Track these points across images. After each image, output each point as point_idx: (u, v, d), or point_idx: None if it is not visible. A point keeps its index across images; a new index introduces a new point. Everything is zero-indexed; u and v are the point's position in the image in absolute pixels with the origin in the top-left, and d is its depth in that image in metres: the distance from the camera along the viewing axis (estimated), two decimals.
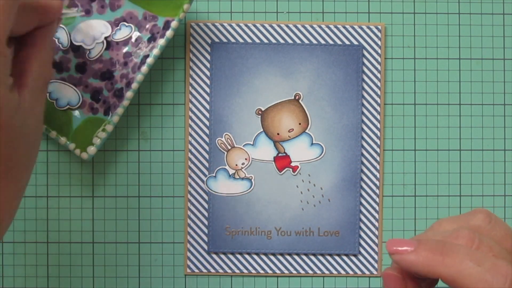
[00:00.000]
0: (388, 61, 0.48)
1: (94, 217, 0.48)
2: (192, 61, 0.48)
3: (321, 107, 0.48)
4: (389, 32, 0.48)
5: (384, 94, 0.48)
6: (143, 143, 0.48)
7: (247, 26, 0.48)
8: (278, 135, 0.48)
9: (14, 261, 0.48)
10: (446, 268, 0.30)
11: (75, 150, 0.44)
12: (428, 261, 0.30)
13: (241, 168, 0.47)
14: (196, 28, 0.48)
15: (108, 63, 0.47)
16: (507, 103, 0.49)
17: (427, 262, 0.30)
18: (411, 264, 0.31)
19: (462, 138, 0.49)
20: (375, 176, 0.48)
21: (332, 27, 0.48)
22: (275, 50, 0.47)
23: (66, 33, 0.46)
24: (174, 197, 0.48)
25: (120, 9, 0.46)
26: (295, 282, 0.48)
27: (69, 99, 0.46)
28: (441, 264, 0.30)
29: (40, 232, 0.48)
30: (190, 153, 0.48)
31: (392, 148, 0.48)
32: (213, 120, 0.48)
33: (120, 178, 0.48)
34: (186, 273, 0.48)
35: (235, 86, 0.47)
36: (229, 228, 0.47)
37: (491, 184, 0.49)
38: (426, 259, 0.31)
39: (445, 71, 0.48)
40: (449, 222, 0.34)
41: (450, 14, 0.48)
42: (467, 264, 0.30)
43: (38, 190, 0.48)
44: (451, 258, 0.30)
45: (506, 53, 0.49)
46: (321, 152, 0.48)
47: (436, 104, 0.48)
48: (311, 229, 0.48)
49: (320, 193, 0.47)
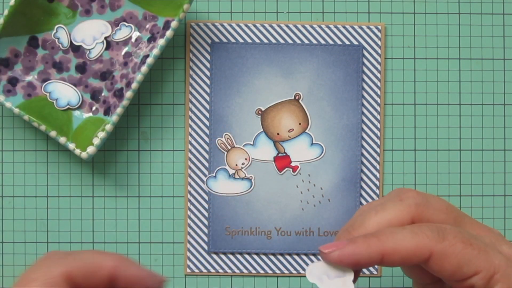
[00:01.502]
0: (388, 61, 0.48)
1: (94, 217, 0.48)
2: (192, 61, 0.48)
3: (321, 107, 0.48)
4: (389, 32, 0.48)
5: (384, 94, 0.48)
6: (143, 143, 0.48)
7: (247, 26, 0.48)
8: (278, 135, 0.48)
9: (14, 261, 0.48)
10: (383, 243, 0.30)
11: (75, 150, 0.44)
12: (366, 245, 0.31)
13: (241, 168, 0.47)
14: (196, 28, 0.48)
15: (108, 63, 0.47)
16: (507, 103, 0.49)
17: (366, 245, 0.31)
18: (352, 253, 0.31)
19: (462, 138, 0.49)
20: (375, 176, 0.48)
21: (332, 27, 0.48)
22: (275, 50, 0.47)
23: (66, 33, 0.46)
24: (174, 197, 0.48)
25: (120, 9, 0.46)
26: (295, 282, 0.48)
27: (69, 99, 0.46)
28: (377, 242, 0.30)
29: (40, 232, 0.48)
30: (190, 153, 0.48)
31: (392, 148, 0.48)
32: (213, 120, 0.48)
33: (120, 178, 0.48)
34: (186, 273, 0.48)
35: (235, 86, 0.47)
36: (229, 228, 0.47)
37: (491, 184, 0.49)
38: (363, 243, 0.31)
39: (445, 71, 0.48)
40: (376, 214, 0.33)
41: (450, 14, 0.48)
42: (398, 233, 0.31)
43: (38, 190, 0.48)
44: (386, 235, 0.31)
45: (506, 53, 0.49)
46: (321, 152, 0.48)
47: (436, 104, 0.48)
48: (311, 229, 0.48)
49: (320, 193, 0.47)
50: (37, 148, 0.48)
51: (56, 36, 0.46)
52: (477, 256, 0.30)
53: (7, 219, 0.48)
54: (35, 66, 0.46)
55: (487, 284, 0.30)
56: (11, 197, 0.48)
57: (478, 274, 0.30)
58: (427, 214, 0.32)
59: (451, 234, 0.30)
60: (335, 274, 0.32)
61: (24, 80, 0.46)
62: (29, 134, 0.48)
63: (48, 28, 0.46)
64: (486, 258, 0.30)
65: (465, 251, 0.30)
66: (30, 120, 0.44)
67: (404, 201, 0.33)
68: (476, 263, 0.30)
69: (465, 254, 0.30)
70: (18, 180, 0.48)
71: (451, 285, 0.32)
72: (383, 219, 0.32)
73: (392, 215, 0.32)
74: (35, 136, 0.48)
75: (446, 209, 0.33)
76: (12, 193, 0.48)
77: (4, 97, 0.45)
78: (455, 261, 0.30)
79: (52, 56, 0.46)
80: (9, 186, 0.48)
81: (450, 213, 0.33)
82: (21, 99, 0.46)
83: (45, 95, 0.46)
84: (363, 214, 0.33)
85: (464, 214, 0.33)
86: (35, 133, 0.48)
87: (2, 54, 0.45)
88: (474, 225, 0.33)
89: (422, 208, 0.32)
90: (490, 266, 0.30)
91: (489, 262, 0.30)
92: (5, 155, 0.48)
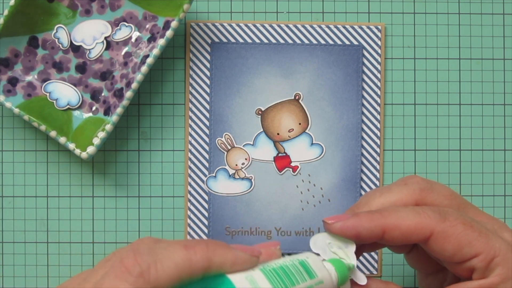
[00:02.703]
0: (388, 61, 0.48)
1: (94, 217, 0.48)
2: (192, 61, 0.48)
3: (321, 107, 0.48)
4: (389, 32, 0.48)
5: (384, 94, 0.48)
6: (143, 143, 0.48)
7: (247, 26, 0.48)
8: (278, 135, 0.48)
9: (14, 261, 0.48)
10: (385, 219, 0.31)
11: (75, 150, 0.44)
12: (369, 219, 0.31)
13: (241, 168, 0.47)
14: (196, 28, 0.48)
15: (108, 63, 0.47)
16: (507, 103, 0.49)
17: (368, 219, 0.31)
18: (354, 225, 0.31)
19: (462, 138, 0.49)
20: (375, 176, 0.48)
21: (332, 27, 0.48)
22: (275, 50, 0.47)
23: (66, 33, 0.46)
24: (174, 197, 0.48)
25: (120, 9, 0.46)
26: None
27: (69, 99, 0.46)
28: (380, 217, 0.31)
29: (40, 232, 0.48)
30: (190, 153, 0.48)
31: (392, 148, 0.48)
32: (213, 120, 0.48)
33: (120, 178, 0.48)
34: None
35: (235, 86, 0.47)
36: (229, 228, 0.47)
37: (491, 184, 0.49)
38: (366, 217, 0.31)
39: (445, 71, 0.48)
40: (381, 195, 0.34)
41: (450, 14, 0.48)
42: (401, 211, 0.31)
43: (38, 190, 0.48)
44: (388, 211, 0.31)
45: (506, 53, 0.49)
46: (321, 152, 0.48)
47: (436, 104, 0.48)
48: (311, 229, 0.48)
49: (320, 193, 0.47)
50: (37, 148, 0.48)
51: (56, 36, 0.46)
52: (477, 238, 0.30)
53: (7, 219, 0.48)
54: (35, 66, 0.46)
55: (487, 267, 0.30)
56: (11, 197, 0.48)
57: (478, 256, 0.30)
58: (431, 199, 0.33)
59: (453, 216, 0.31)
60: (338, 245, 0.33)
61: (24, 80, 0.46)
62: (29, 134, 0.48)
63: (48, 28, 0.46)
64: (487, 241, 0.30)
65: (466, 232, 0.30)
66: (30, 120, 0.44)
67: (409, 185, 0.33)
68: (476, 245, 0.30)
69: (466, 235, 0.30)
70: (18, 180, 0.48)
71: (452, 269, 0.32)
72: (387, 200, 0.33)
73: (397, 197, 0.33)
74: (35, 136, 0.48)
75: (450, 196, 0.33)
76: (12, 193, 0.48)
77: (4, 97, 0.45)
78: (455, 242, 0.30)
79: (52, 56, 0.46)
80: (9, 186, 0.48)
81: (454, 200, 0.33)
82: (21, 99, 0.46)
83: (45, 95, 0.46)
84: (368, 195, 0.34)
85: (468, 202, 0.34)
86: (35, 133, 0.48)
87: (2, 54, 0.45)
88: (477, 212, 0.33)
89: (426, 193, 0.33)
90: (490, 249, 0.30)
91: (490, 245, 0.30)
92: (5, 155, 0.48)
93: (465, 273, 0.31)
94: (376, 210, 0.32)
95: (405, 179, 0.34)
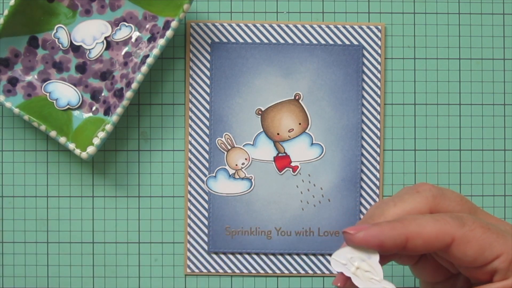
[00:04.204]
0: (388, 61, 0.48)
1: (94, 217, 0.48)
2: (192, 61, 0.48)
3: (321, 107, 0.48)
4: (389, 32, 0.48)
5: (384, 94, 0.48)
6: (143, 143, 0.48)
7: (247, 26, 0.48)
8: (278, 135, 0.48)
9: (14, 261, 0.48)
10: (407, 227, 0.31)
11: (75, 150, 0.44)
12: (391, 227, 0.31)
13: (241, 168, 0.47)
14: (196, 28, 0.48)
15: (108, 63, 0.47)
16: (507, 103, 0.49)
17: (390, 227, 0.31)
18: (377, 234, 0.31)
19: (462, 138, 0.49)
20: (375, 176, 0.48)
21: (332, 27, 0.48)
22: (275, 50, 0.47)
23: (66, 33, 0.46)
24: (174, 197, 0.48)
25: (120, 9, 0.46)
26: (295, 282, 0.48)
27: (69, 99, 0.46)
28: (401, 226, 0.31)
29: (40, 232, 0.48)
30: (190, 153, 0.48)
31: (392, 148, 0.48)
32: (213, 120, 0.48)
33: (120, 178, 0.48)
34: (186, 273, 0.48)
35: (235, 86, 0.47)
36: (229, 228, 0.47)
37: (491, 184, 0.49)
38: (388, 225, 0.31)
39: (445, 71, 0.48)
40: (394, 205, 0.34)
41: (450, 14, 0.48)
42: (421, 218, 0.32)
43: (38, 190, 0.48)
44: (409, 220, 0.31)
45: (506, 53, 0.49)
46: (321, 152, 0.48)
47: (436, 104, 0.48)
48: (311, 229, 0.48)
49: (320, 193, 0.47)
50: (37, 148, 0.48)
51: (56, 36, 0.46)
52: (496, 240, 0.30)
53: (7, 219, 0.48)
54: (35, 66, 0.46)
55: (509, 267, 0.30)
56: (11, 197, 0.48)
57: (499, 257, 0.30)
58: (444, 205, 0.33)
59: (470, 220, 0.31)
60: (360, 257, 0.32)
61: (24, 80, 0.46)
62: (29, 134, 0.48)
63: (48, 28, 0.46)
64: (505, 242, 0.31)
65: (485, 235, 0.30)
66: (30, 120, 0.44)
67: (421, 193, 0.33)
68: (497, 246, 0.30)
69: (486, 238, 0.30)
70: (18, 180, 0.48)
71: (471, 274, 0.32)
72: (402, 209, 0.33)
73: (411, 206, 0.33)
74: (35, 136, 0.48)
75: (461, 200, 0.33)
76: (12, 193, 0.48)
77: (4, 97, 0.45)
78: (476, 246, 0.30)
79: (52, 56, 0.46)
80: (9, 186, 0.48)
81: (465, 204, 0.33)
82: (21, 99, 0.46)
83: (45, 95, 0.46)
84: (381, 206, 0.34)
85: (477, 206, 0.34)
86: (35, 133, 0.48)
87: (2, 54, 0.45)
88: (487, 215, 0.34)
89: (438, 199, 0.33)
90: (510, 249, 0.30)
91: (509, 245, 0.30)
92: (5, 155, 0.48)
93: (485, 277, 0.31)
94: (396, 219, 0.32)
95: (416, 187, 0.34)
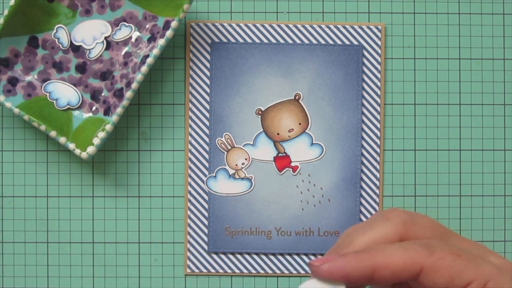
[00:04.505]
0: (388, 61, 0.48)
1: (94, 217, 0.48)
2: (192, 61, 0.48)
3: (321, 107, 0.48)
4: (389, 32, 0.48)
5: (384, 94, 0.48)
6: (143, 143, 0.48)
7: (247, 26, 0.48)
8: (278, 135, 0.48)
9: (14, 261, 0.48)
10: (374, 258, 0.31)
11: (75, 150, 0.44)
12: (357, 259, 0.31)
13: (241, 168, 0.47)
14: (196, 28, 0.48)
15: (108, 63, 0.47)
16: (507, 103, 0.49)
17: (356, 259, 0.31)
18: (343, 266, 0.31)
19: (462, 138, 0.49)
20: (375, 176, 0.48)
21: (332, 27, 0.48)
22: (275, 50, 0.47)
23: (66, 33, 0.46)
24: (174, 197, 0.48)
25: (120, 9, 0.46)
26: (295, 282, 0.48)
27: (69, 99, 0.46)
28: (368, 257, 0.31)
29: (40, 232, 0.48)
30: (190, 153, 0.48)
31: (392, 148, 0.48)
32: (213, 120, 0.48)
33: (120, 178, 0.48)
34: (186, 273, 0.48)
35: (235, 86, 0.47)
36: (229, 228, 0.47)
37: (491, 184, 0.49)
38: (354, 257, 0.31)
39: (445, 71, 0.48)
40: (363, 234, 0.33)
41: (450, 14, 0.48)
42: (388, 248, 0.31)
43: (38, 190, 0.48)
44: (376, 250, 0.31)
45: (506, 53, 0.49)
46: (321, 152, 0.48)
47: (436, 104, 0.48)
48: (311, 229, 0.48)
49: (320, 193, 0.47)
50: (37, 148, 0.48)
51: (56, 36, 0.46)
52: (467, 267, 0.30)
53: (7, 219, 0.48)
54: (35, 66, 0.46)
55: None
56: (11, 197, 0.48)
57: (470, 284, 0.30)
58: (414, 232, 0.32)
59: (440, 247, 0.30)
60: None
61: (24, 80, 0.46)
62: (29, 134, 0.48)
63: (48, 28, 0.46)
64: (476, 268, 0.30)
65: (455, 262, 0.30)
66: (30, 120, 0.44)
67: (391, 220, 0.33)
68: (468, 273, 0.30)
69: (456, 266, 0.30)
70: (18, 180, 0.48)
71: None
72: (371, 238, 0.32)
73: (380, 234, 0.32)
74: (35, 136, 0.48)
75: (432, 226, 0.33)
76: (12, 193, 0.48)
77: (4, 97, 0.45)
78: (446, 274, 0.30)
79: (52, 56, 0.46)
80: (9, 186, 0.48)
81: (436, 230, 0.33)
82: (21, 99, 0.46)
83: (45, 95, 0.46)
84: (350, 235, 0.33)
85: (450, 230, 0.33)
86: (35, 133, 0.48)
87: (2, 54, 0.45)
88: (460, 239, 0.33)
89: (408, 226, 0.32)
90: (481, 275, 0.30)
91: (480, 271, 0.30)
92: (5, 155, 0.48)
93: None
94: (363, 250, 0.31)
95: (386, 214, 0.34)
